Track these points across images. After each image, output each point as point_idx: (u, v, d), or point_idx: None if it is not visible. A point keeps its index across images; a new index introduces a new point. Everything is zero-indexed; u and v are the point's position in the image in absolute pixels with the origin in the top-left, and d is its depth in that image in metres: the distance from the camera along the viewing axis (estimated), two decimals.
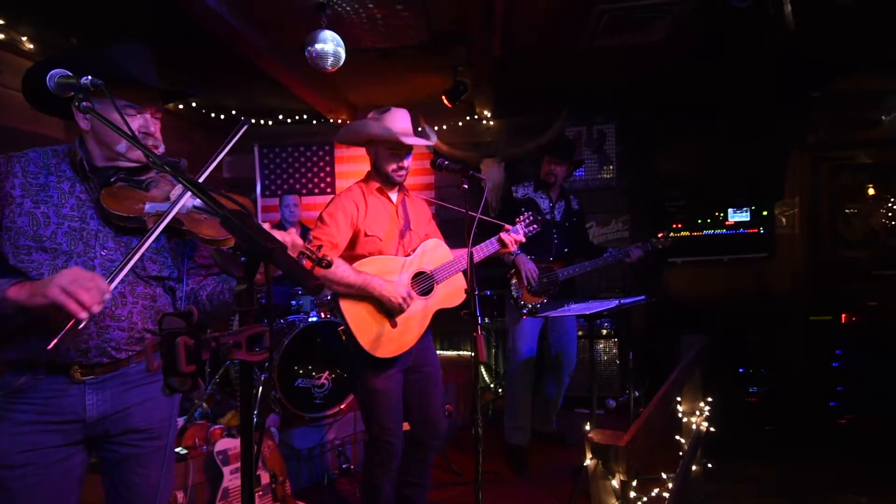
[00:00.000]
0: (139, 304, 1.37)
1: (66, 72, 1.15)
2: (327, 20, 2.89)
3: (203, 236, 1.33)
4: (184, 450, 2.58)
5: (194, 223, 1.34)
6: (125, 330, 1.35)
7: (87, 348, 1.30)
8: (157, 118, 1.39)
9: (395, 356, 2.03)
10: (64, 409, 1.30)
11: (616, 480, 1.41)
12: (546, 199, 3.23)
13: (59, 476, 1.32)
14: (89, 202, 1.34)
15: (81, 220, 1.32)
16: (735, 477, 2.99)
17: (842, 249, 4.36)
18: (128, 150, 1.33)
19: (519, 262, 3.01)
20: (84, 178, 1.35)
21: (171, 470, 1.56)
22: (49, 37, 3.03)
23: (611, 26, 2.96)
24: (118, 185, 1.34)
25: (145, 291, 1.39)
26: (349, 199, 2.08)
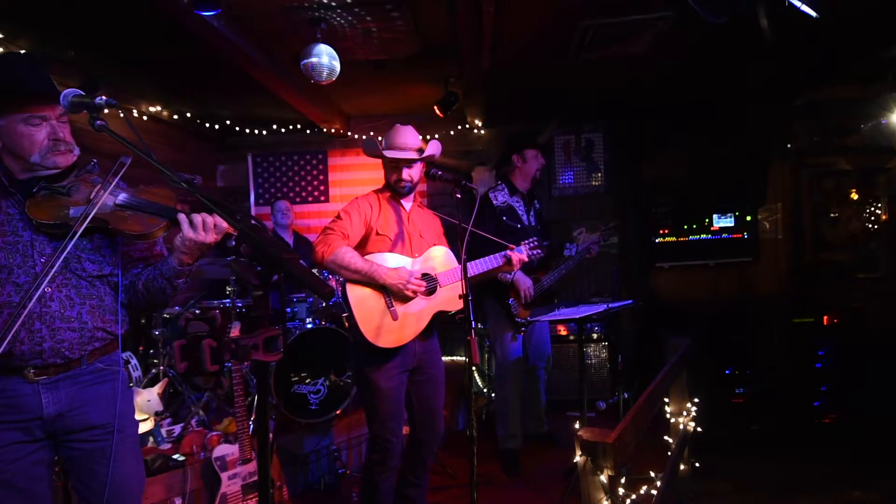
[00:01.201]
0: (87, 305, 1.43)
1: (79, 91, 1.21)
2: (322, 34, 2.97)
3: (129, 232, 1.40)
4: (181, 456, 2.61)
5: (119, 220, 1.40)
6: (76, 330, 1.41)
7: (41, 350, 1.36)
8: (65, 122, 1.43)
9: (394, 348, 2.11)
10: (22, 407, 1.37)
11: (604, 476, 1.47)
12: (521, 204, 3.26)
13: (31, 466, 1.40)
14: (17, 215, 1.39)
15: (14, 233, 1.37)
16: (722, 476, 3.06)
17: (823, 253, 4.50)
18: (42, 158, 1.38)
19: (518, 281, 3.05)
20: (7, 193, 1.40)
21: (139, 461, 1.61)
22: (47, 50, 3.07)
23: (596, 41, 3.06)
24: (41, 195, 1.39)
25: (90, 292, 1.45)
26: (365, 201, 2.23)
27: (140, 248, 1.58)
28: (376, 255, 2.17)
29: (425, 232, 2.33)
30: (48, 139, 1.38)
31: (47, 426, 1.41)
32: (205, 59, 3.21)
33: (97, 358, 1.48)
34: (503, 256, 2.32)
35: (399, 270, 2.12)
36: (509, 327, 3.17)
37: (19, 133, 1.35)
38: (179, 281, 1.49)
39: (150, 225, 1.42)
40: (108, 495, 1.43)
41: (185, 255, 1.43)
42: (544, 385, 3.45)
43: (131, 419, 1.60)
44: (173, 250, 1.45)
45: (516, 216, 3.21)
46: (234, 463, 2.53)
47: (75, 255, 1.43)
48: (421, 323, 2.20)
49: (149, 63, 3.40)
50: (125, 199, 1.42)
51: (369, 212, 2.21)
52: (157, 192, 1.49)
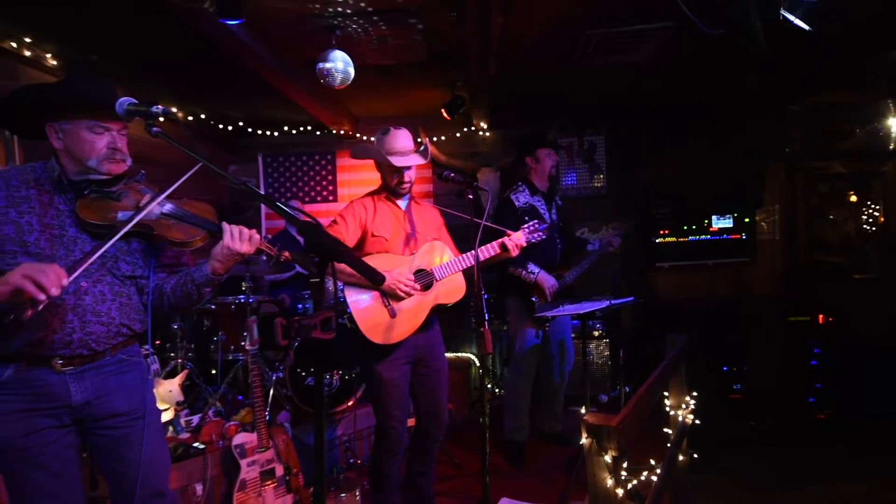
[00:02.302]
0: (117, 302, 1.55)
1: (133, 100, 1.33)
2: (336, 40, 3.08)
3: (172, 239, 1.52)
4: (201, 445, 2.73)
5: (164, 228, 1.52)
6: (105, 325, 1.52)
7: (70, 340, 1.46)
8: (123, 134, 1.56)
9: (393, 343, 2.21)
10: (51, 395, 1.47)
11: (609, 456, 1.59)
12: (542, 202, 3.35)
13: (62, 449, 1.50)
14: (67, 212, 1.50)
15: (60, 227, 1.49)
16: (719, 468, 3.16)
17: (818, 254, 4.62)
18: (98, 163, 1.50)
19: (541, 281, 3.12)
20: (62, 190, 1.51)
21: (164, 445, 1.73)
22: (71, 53, 3.19)
23: (600, 49, 3.18)
24: (92, 197, 1.51)
25: (121, 290, 1.56)
26: (360, 204, 2.32)
27: (169, 255, 1.70)
28: (372, 257, 2.24)
29: (422, 228, 2.40)
30: (107, 147, 1.50)
31: (75, 413, 1.51)
32: (220, 62, 3.32)
33: (119, 350, 1.59)
34: (499, 244, 2.33)
35: (391, 273, 2.18)
36: (532, 324, 3.24)
37: (82, 138, 1.48)
38: (207, 289, 1.61)
39: (191, 234, 1.54)
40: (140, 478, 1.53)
41: (219, 264, 1.55)
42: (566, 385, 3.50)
43: (154, 406, 1.71)
44: (210, 259, 1.57)
45: (538, 215, 3.29)
46: (253, 450, 2.65)
47: (112, 256, 1.55)
48: (419, 318, 2.29)
49: (166, 66, 3.51)
50: (171, 209, 1.54)
51: (364, 214, 2.29)
52: (198, 206, 1.62)
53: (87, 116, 1.47)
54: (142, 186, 1.59)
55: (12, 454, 1.44)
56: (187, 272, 1.63)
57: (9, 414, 1.43)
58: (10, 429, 1.43)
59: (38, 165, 1.55)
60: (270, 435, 2.72)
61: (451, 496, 2.89)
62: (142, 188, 1.58)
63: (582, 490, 2.80)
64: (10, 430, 1.43)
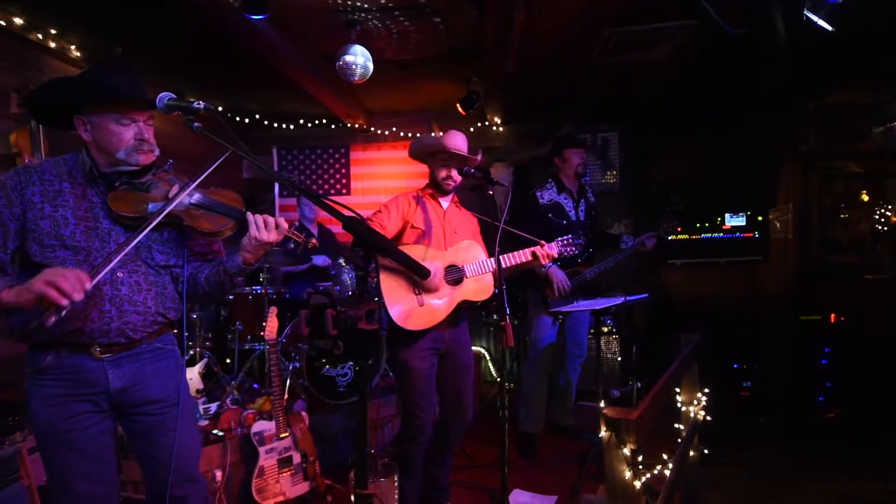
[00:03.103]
0: (153, 291, 1.58)
1: (173, 95, 1.37)
2: (356, 35, 3.11)
3: (201, 229, 1.55)
4: (220, 432, 2.79)
5: (193, 218, 1.55)
6: (141, 314, 1.56)
7: (108, 329, 1.51)
8: (150, 125, 1.58)
9: (420, 329, 2.27)
10: (90, 381, 1.51)
11: (627, 449, 1.63)
12: (570, 200, 3.37)
13: (99, 434, 1.55)
14: (100, 204, 1.54)
15: (94, 220, 1.52)
16: (729, 464, 3.19)
17: (831, 253, 4.61)
18: (127, 155, 1.52)
19: (552, 274, 3.16)
20: (94, 182, 1.55)
21: (195, 432, 1.77)
22: (95, 46, 3.24)
23: (617, 48, 3.19)
24: (122, 189, 1.54)
25: (157, 279, 1.60)
26: (405, 197, 2.42)
27: (201, 244, 1.73)
28: (409, 247, 2.32)
29: (460, 229, 2.49)
30: (134, 139, 1.52)
31: (112, 399, 1.56)
32: (241, 55, 3.36)
33: (155, 338, 1.64)
34: (530, 252, 2.44)
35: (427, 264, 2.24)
36: (547, 315, 3.30)
37: (110, 130, 1.50)
38: (239, 279, 1.65)
39: (220, 224, 1.57)
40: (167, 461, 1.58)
41: (250, 254, 1.58)
42: (577, 378, 3.54)
43: (187, 394, 1.75)
44: (240, 249, 1.60)
45: (563, 213, 3.32)
46: (272, 438, 2.71)
47: (146, 246, 1.58)
48: (446, 310, 2.34)
49: (187, 59, 3.55)
50: (199, 199, 1.57)
51: (407, 207, 2.39)
52: (225, 195, 1.64)
53: (114, 109, 1.50)
54: (170, 176, 1.62)
55: (52, 437, 1.49)
56: (220, 262, 1.67)
57: (49, 398, 1.49)
58: (51, 413, 1.48)
59: (70, 158, 1.58)
60: (288, 423, 2.77)
61: (463, 486, 2.94)
62: (170, 178, 1.61)
63: (593, 483, 2.84)
64: (51, 413, 1.48)
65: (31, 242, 1.45)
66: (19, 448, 2.16)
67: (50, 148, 2.89)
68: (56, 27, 3.04)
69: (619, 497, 1.67)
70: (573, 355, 3.48)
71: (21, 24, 2.86)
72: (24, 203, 1.45)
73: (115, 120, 1.50)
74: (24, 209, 1.45)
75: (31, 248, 1.45)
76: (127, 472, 2.47)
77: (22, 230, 1.45)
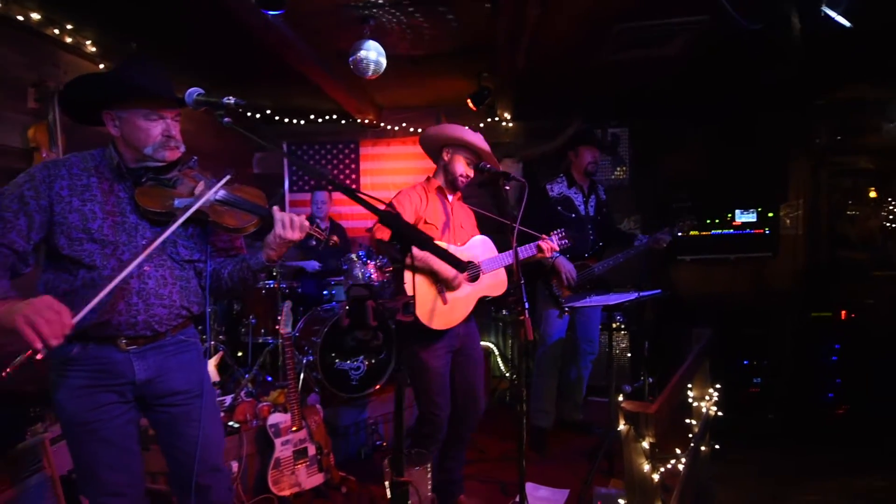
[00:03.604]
0: (177, 285, 1.61)
1: (202, 90, 1.39)
2: (369, 30, 3.12)
3: (226, 225, 1.58)
4: (236, 424, 2.82)
5: (218, 215, 1.58)
6: (167, 307, 1.58)
7: (135, 322, 1.53)
8: (177, 122, 1.61)
9: (443, 329, 2.28)
10: (116, 372, 1.54)
11: (646, 442, 1.64)
12: (580, 195, 3.41)
13: (124, 424, 1.58)
14: (127, 199, 1.56)
15: (122, 214, 1.54)
16: (739, 460, 3.21)
17: (841, 250, 4.60)
18: (154, 151, 1.54)
19: (559, 265, 3.17)
20: (121, 178, 1.57)
21: (219, 423, 1.80)
22: (110, 41, 3.25)
23: (630, 43, 3.18)
24: (149, 185, 1.56)
25: (181, 274, 1.62)
26: (415, 192, 2.39)
27: (224, 239, 1.75)
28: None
29: (464, 223, 2.51)
30: (162, 135, 1.55)
31: (138, 390, 1.59)
32: (255, 51, 3.37)
33: (179, 331, 1.66)
34: (535, 246, 2.49)
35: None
36: (555, 305, 3.31)
37: (138, 126, 1.52)
38: (262, 275, 1.68)
39: (244, 221, 1.60)
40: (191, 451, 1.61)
41: (273, 251, 1.61)
42: (588, 375, 3.56)
43: (210, 386, 1.79)
44: (264, 246, 1.62)
45: (572, 206, 3.36)
46: (287, 430, 2.74)
47: (172, 241, 1.61)
48: (468, 307, 2.37)
49: (202, 54, 3.56)
50: (224, 195, 1.59)
51: (419, 203, 2.38)
52: (249, 192, 1.67)
53: (143, 105, 1.52)
54: (195, 173, 1.64)
55: (79, 427, 1.52)
56: (243, 258, 1.70)
57: (76, 389, 1.51)
58: (78, 403, 1.51)
59: (97, 153, 1.60)
60: (303, 416, 2.81)
61: (475, 479, 2.97)
62: (195, 174, 1.63)
63: (604, 477, 2.86)
64: (78, 404, 1.51)
65: (59, 235, 1.48)
66: (42, 439, 2.20)
67: (67, 143, 2.92)
68: (72, 22, 3.06)
69: (637, 490, 1.69)
70: (585, 352, 3.50)
71: (38, 19, 2.88)
72: (52, 196, 1.48)
73: (144, 116, 1.52)
74: (51, 202, 1.47)
75: (59, 240, 1.47)
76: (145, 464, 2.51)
77: (49, 223, 1.48)
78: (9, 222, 1.41)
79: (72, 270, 1.48)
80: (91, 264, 1.49)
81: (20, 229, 1.42)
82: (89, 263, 1.49)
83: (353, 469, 3.03)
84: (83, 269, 1.49)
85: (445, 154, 2.45)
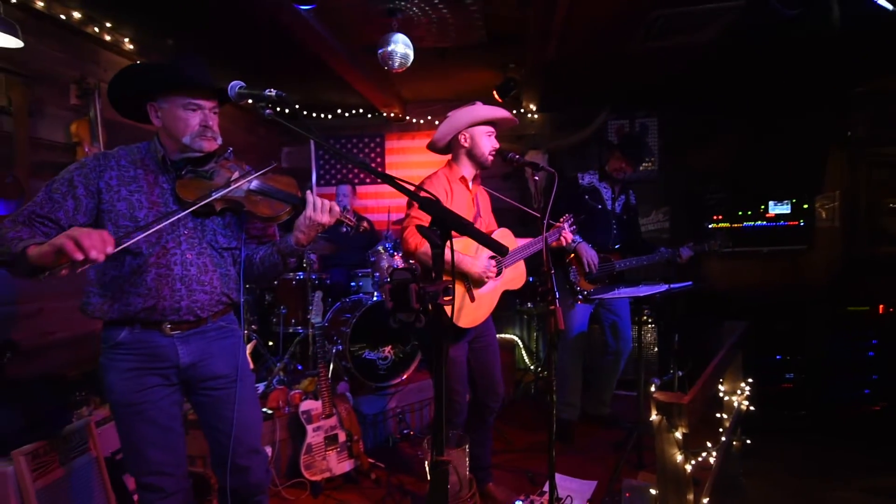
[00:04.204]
0: (217, 272, 1.68)
1: (243, 83, 1.43)
2: (397, 23, 3.13)
3: (261, 214, 1.63)
4: (269, 410, 2.90)
5: (252, 204, 1.63)
6: (208, 293, 1.65)
7: (179, 307, 1.60)
8: (215, 114, 1.66)
9: (469, 327, 2.30)
10: (161, 356, 1.61)
11: (679, 433, 1.64)
12: (609, 190, 3.39)
13: (169, 406, 1.64)
14: (170, 191, 1.63)
15: (165, 205, 1.61)
16: (770, 455, 3.15)
17: (879, 244, 4.45)
18: (192, 140, 1.60)
19: (581, 250, 3.14)
20: (165, 170, 1.64)
21: (257, 407, 1.86)
22: (147, 39, 3.35)
23: (663, 30, 3.12)
24: (188, 177, 1.62)
25: (220, 261, 1.69)
26: (440, 184, 2.33)
27: (257, 227, 1.80)
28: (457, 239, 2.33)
29: (484, 211, 2.50)
30: (199, 125, 1.61)
31: (182, 373, 1.65)
32: (285, 46, 3.42)
33: (219, 317, 1.73)
34: (557, 232, 2.46)
35: (479, 259, 2.25)
36: (568, 294, 3.28)
37: (177, 116, 1.59)
38: (292, 259, 1.72)
39: (277, 209, 1.64)
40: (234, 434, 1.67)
41: (303, 234, 1.65)
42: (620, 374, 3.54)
43: (248, 371, 1.85)
44: (293, 230, 1.66)
45: (600, 198, 3.35)
46: (319, 417, 2.81)
47: (212, 230, 1.68)
48: (493, 303, 2.38)
49: (236, 50, 3.63)
50: (258, 185, 1.64)
51: (444, 195, 2.33)
52: (282, 180, 1.71)
53: (182, 94, 1.58)
54: (231, 164, 1.70)
55: (127, 408, 1.59)
56: (273, 244, 1.75)
57: (125, 371, 1.59)
58: (125, 385, 1.59)
59: (143, 147, 1.67)
60: (334, 403, 2.87)
61: (503, 469, 2.99)
62: (231, 165, 1.69)
63: (633, 470, 2.85)
64: (125, 386, 1.59)
65: (107, 223, 1.55)
66: (88, 421, 2.30)
67: (108, 138, 3.02)
68: (111, 20, 3.15)
69: (669, 481, 1.69)
70: (619, 351, 3.45)
71: (79, 17, 2.98)
72: (101, 185, 1.55)
73: (183, 106, 1.58)
74: (99, 190, 1.55)
75: (107, 227, 1.54)
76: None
77: (96, 209, 1.55)
78: (57, 203, 1.49)
79: (119, 257, 1.55)
80: (137, 251, 1.56)
81: (67, 210, 1.50)
82: (135, 250, 1.55)
83: (381, 456, 3.09)
84: (130, 255, 1.56)
85: (463, 139, 2.36)
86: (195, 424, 2.23)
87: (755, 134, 4.52)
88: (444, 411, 0.96)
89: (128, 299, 1.56)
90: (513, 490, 2.68)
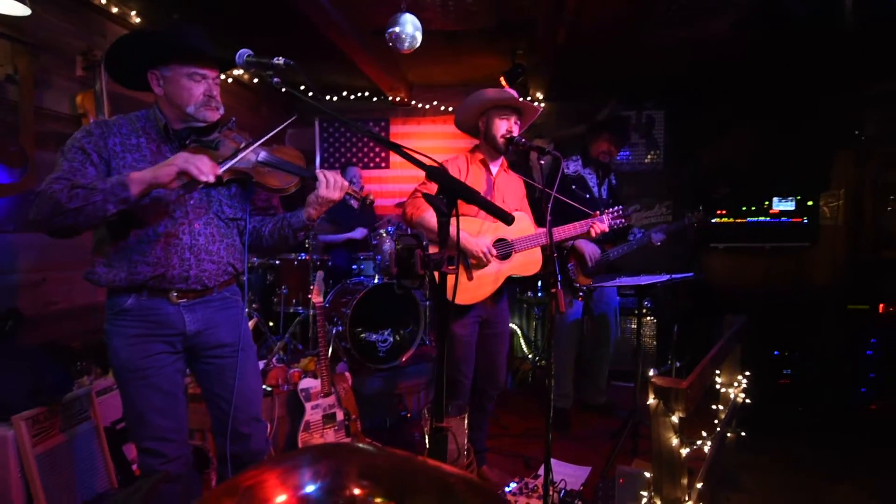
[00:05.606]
0: (224, 242, 1.68)
1: (251, 52, 1.42)
2: (406, 5, 3.11)
3: (270, 186, 1.62)
4: (268, 387, 2.92)
5: (261, 175, 1.62)
6: (216, 263, 1.66)
7: (187, 276, 1.61)
8: (217, 83, 1.65)
9: (468, 304, 2.31)
10: (167, 324, 1.61)
11: (675, 417, 1.65)
12: (593, 176, 3.36)
13: (173, 374, 1.66)
14: None
15: None
16: (765, 449, 3.16)
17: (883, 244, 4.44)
18: (195, 110, 1.59)
19: (581, 246, 3.13)
20: (168, 139, 1.62)
21: (259, 377, 1.88)
22: (153, 13, 3.32)
23: (677, 18, 3.09)
24: (193, 146, 1.60)
25: (226, 231, 1.69)
26: (454, 164, 2.36)
27: (262, 198, 1.81)
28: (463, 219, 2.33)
29: (508, 196, 2.47)
30: (204, 94, 1.60)
31: (187, 341, 1.67)
32: (293, 24, 3.39)
33: (224, 287, 1.74)
34: (588, 224, 2.45)
35: (477, 239, 2.26)
36: (568, 292, 3.30)
37: (181, 85, 1.58)
38: (301, 234, 1.73)
39: (286, 181, 1.64)
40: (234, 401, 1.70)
41: (314, 210, 1.66)
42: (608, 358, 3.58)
43: (251, 341, 1.87)
44: (306, 205, 1.67)
45: (586, 186, 3.32)
46: (317, 395, 2.82)
47: (217, 200, 1.68)
48: (495, 284, 2.37)
49: (243, 28, 3.61)
50: (265, 157, 1.63)
51: (457, 173, 2.34)
52: (288, 152, 1.70)
53: (187, 63, 1.56)
54: (234, 134, 1.69)
55: (132, 373, 1.61)
56: (284, 217, 1.75)
57: (130, 337, 1.60)
58: (131, 351, 1.60)
59: (142, 114, 1.65)
60: (332, 382, 2.88)
61: (499, 453, 3.01)
62: (235, 136, 1.68)
63: (627, 457, 2.87)
64: (131, 352, 1.60)
65: None
66: (90, 390, 2.32)
67: (112, 111, 3.01)
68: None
69: (664, 464, 1.70)
70: (604, 337, 3.50)
71: None
72: (108, 151, 1.54)
73: (188, 75, 1.57)
74: (108, 156, 1.54)
75: None
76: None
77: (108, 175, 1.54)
78: (77, 170, 1.48)
79: (126, 225, 1.55)
80: (143, 220, 1.55)
81: (89, 176, 1.49)
82: (141, 220, 1.55)
83: (378, 437, 3.11)
84: (136, 223, 1.55)
85: (481, 123, 2.41)
86: (195, 398, 2.26)
87: (763, 130, 4.49)
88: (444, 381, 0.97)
89: (136, 268, 1.56)
90: (507, 473, 2.70)
